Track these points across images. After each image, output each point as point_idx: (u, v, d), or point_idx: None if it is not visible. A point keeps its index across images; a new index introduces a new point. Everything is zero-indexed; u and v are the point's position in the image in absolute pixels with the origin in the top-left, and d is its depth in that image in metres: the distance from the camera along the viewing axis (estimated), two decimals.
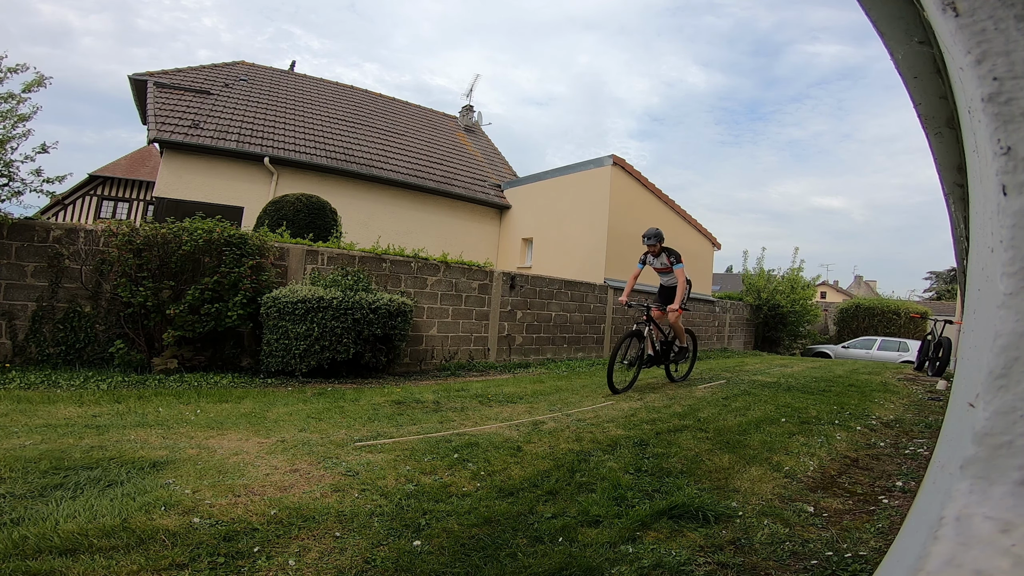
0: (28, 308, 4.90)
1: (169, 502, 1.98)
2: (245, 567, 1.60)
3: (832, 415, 4.34)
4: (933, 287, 43.24)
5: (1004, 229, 0.55)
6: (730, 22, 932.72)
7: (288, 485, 2.29)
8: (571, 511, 2.16)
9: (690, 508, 2.16)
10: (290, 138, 11.66)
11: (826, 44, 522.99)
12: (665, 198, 13.03)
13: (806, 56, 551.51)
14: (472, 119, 18.73)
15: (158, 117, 10.16)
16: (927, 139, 1.00)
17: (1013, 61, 0.56)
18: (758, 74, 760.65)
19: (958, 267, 1.13)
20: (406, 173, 12.61)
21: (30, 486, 2.06)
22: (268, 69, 15.02)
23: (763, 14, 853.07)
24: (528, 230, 13.23)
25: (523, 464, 2.76)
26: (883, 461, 3.11)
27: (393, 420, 3.67)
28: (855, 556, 1.84)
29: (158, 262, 5.14)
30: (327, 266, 6.34)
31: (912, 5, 0.81)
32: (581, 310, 9.67)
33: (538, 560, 1.73)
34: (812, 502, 2.38)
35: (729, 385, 6.12)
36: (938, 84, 0.90)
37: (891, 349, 14.34)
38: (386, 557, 1.70)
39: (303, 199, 7.90)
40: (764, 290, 15.67)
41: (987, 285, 0.61)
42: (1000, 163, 0.56)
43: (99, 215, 16.02)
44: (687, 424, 3.82)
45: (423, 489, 2.33)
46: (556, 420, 3.90)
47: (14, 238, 4.86)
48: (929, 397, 5.68)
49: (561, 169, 12.79)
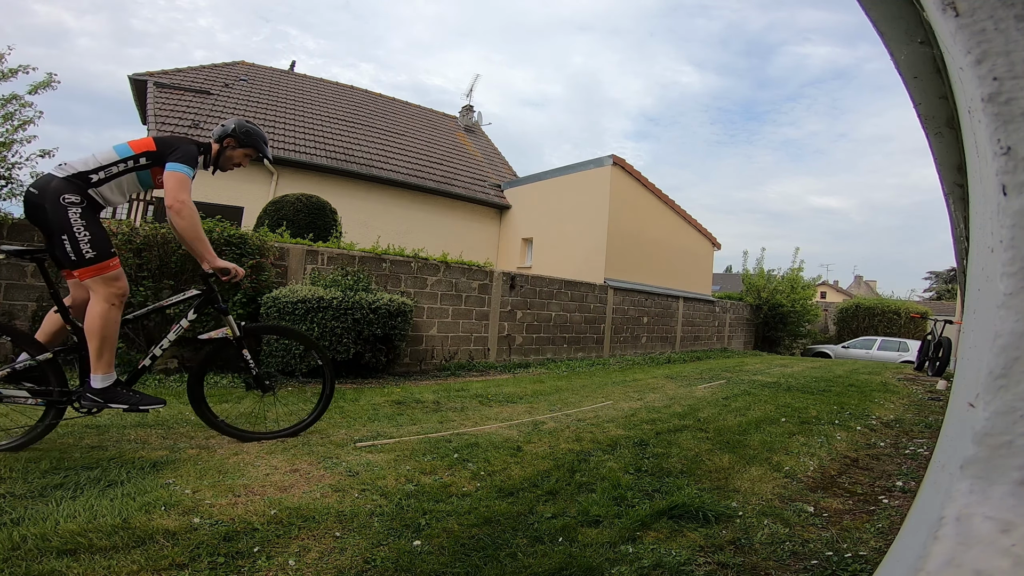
0: (28, 308, 4.90)
1: (169, 502, 1.98)
2: (245, 567, 1.60)
3: (832, 415, 4.35)
4: (933, 287, 43.25)
5: (1004, 229, 0.55)
6: (721, 23, 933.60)
7: (288, 485, 2.29)
8: (571, 511, 2.16)
9: (690, 508, 2.16)
10: (290, 138, 11.66)
11: (817, 45, 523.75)
12: (665, 198, 13.04)
13: (797, 57, 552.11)
14: (472, 119, 18.73)
15: (158, 117, 10.16)
16: (927, 139, 1.00)
17: (1013, 61, 0.56)
18: (751, 74, 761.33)
19: (958, 267, 1.13)
20: (406, 173, 12.62)
21: (30, 486, 2.06)
22: (268, 69, 15.03)
23: (754, 15, 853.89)
24: (528, 230, 13.23)
25: (523, 464, 2.76)
26: (883, 461, 3.11)
27: (393, 420, 3.67)
28: (855, 556, 1.84)
29: (158, 262, 5.14)
30: (327, 266, 6.34)
31: (912, 5, 0.81)
32: (581, 310, 9.67)
33: (538, 560, 1.73)
34: (812, 502, 2.38)
35: (729, 385, 6.12)
36: (938, 84, 0.90)
37: (891, 349, 14.35)
38: (386, 557, 1.70)
39: (303, 199, 7.91)
40: (764, 290, 15.68)
41: (987, 285, 0.61)
42: (1000, 163, 0.56)
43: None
44: (687, 424, 3.82)
45: (423, 489, 2.33)
46: (556, 420, 3.90)
47: (14, 238, 4.86)
48: (929, 397, 5.68)
49: (561, 169, 12.80)
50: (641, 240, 12.09)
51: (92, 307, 2.51)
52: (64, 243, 2.41)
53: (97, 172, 2.56)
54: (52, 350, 2.56)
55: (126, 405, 2.58)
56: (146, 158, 2.64)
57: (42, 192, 2.45)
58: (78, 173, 2.51)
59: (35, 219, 2.50)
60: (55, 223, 2.42)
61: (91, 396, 2.54)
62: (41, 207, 2.44)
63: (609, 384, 6.14)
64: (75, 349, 2.63)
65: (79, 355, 2.61)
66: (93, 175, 2.55)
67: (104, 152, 2.61)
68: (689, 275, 13.86)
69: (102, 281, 2.49)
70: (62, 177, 2.49)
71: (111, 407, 2.56)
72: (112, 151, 2.61)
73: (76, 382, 2.70)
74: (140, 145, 2.65)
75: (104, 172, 2.57)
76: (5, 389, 2.49)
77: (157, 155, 2.65)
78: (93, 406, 2.56)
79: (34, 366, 2.51)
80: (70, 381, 2.65)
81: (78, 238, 2.42)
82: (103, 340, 2.50)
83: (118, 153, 2.61)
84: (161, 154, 2.65)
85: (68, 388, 2.57)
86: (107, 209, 2.75)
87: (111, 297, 2.51)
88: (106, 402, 2.55)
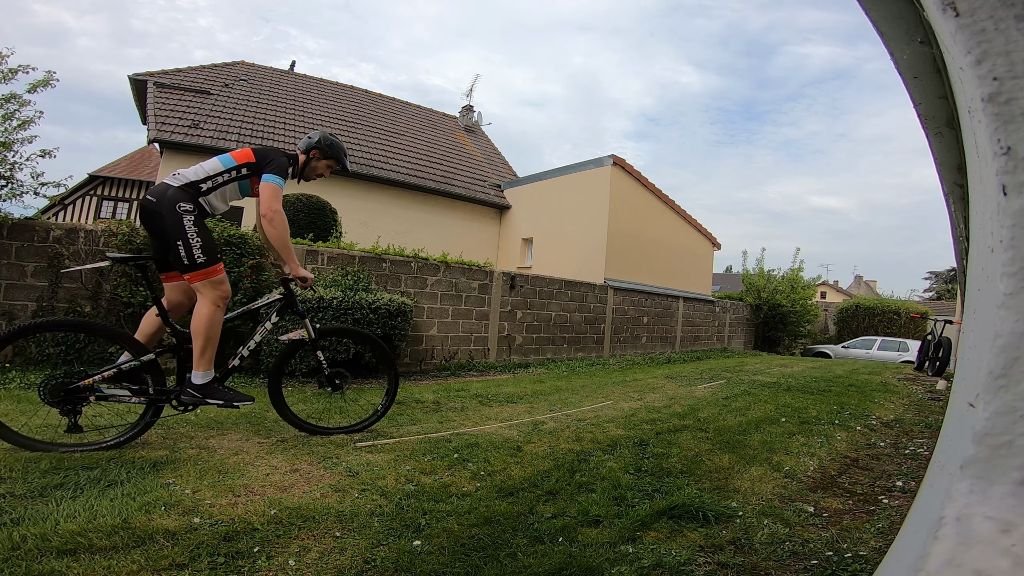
0: (28, 308, 4.90)
1: (169, 502, 1.98)
2: (245, 567, 1.60)
3: (832, 415, 4.35)
4: (933, 287, 43.24)
5: (1004, 229, 0.55)
6: (721, 23, 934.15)
7: (288, 485, 2.29)
8: (571, 511, 2.16)
9: (690, 508, 2.16)
10: (290, 138, 11.66)
11: (817, 45, 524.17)
12: (665, 198, 13.03)
13: (797, 57, 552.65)
14: (472, 119, 18.72)
15: (158, 117, 10.16)
16: (927, 139, 1.00)
17: (1013, 61, 0.56)
18: (751, 74, 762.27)
19: (958, 267, 1.13)
20: (406, 173, 12.61)
21: (30, 486, 2.06)
22: (268, 69, 15.02)
23: (754, 15, 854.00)
24: (528, 230, 13.23)
25: (523, 464, 2.76)
26: (883, 461, 3.11)
27: (393, 420, 3.67)
28: (855, 556, 1.84)
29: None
30: (327, 266, 6.34)
31: (912, 5, 0.81)
32: (581, 310, 9.67)
33: (538, 560, 1.73)
34: (812, 502, 2.38)
35: (729, 385, 6.12)
36: (938, 84, 0.90)
37: (891, 349, 14.34)
38: (386, 557, 1.70)
39: (303, 199, 7.90)
40: (764, 290, 15.67)
41: (987, 285, 0.61)
42: (1000, 163, 0.56)
43: (99, 215, 16.01)
44: (687, 424, 3.82)
45: (423, 489, 2.33)
46: (556, 420, 3.90)
47: (14, 238, 4.86)
48: (929, 397, 5.68)
49: (561, 169, 12.79)
50: (641, 240, 12.09)
51: (199, 308, 2.67)
52: (179, 248, 2.58)
53: (206, 181, 2.74)
54: (154, 351, 2.73)
55: (221, 401, 2.75)
56: (246, 168, 2.83)
57: (159, 200, 2.62)
58: (190, 183, 2.70)
59: (150, 225, 2.67)
60: (171, 230, 2.59)
61: (191, 392, 2.70)
62: (158, 214, 2.60)
63: (609, 384, 6.14)
64: (172, 349, 2.80)
65: (176, 355, 2.80)
66: (203, 184, 2.73)
67: (211, 163, 2.81)
68: (689, 275, 13.86)
69: (209, 284, 2.66)
70: (177, 186, 2.67)
71: (208, 403, 2.72)
72: (218, 162, 2.81)
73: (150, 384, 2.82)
74: (241, 156, 2.84)
75: (211, 181, 2.75)
76: (109, 388, 2.65)
77: (255, 166, 2.83)
78: (192, 402, 2.72)
79: (137, 366, 2.67)
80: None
81: (191, 244, 2.59)
82: (207, 340, 2.66)
83: (223, 164, 2.80)
84: (259, 165, 2.83)
85: (166, 387, 2.74)
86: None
87: (216, 299, 2.68)
88: (204, 398, 2.71)
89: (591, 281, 10.15)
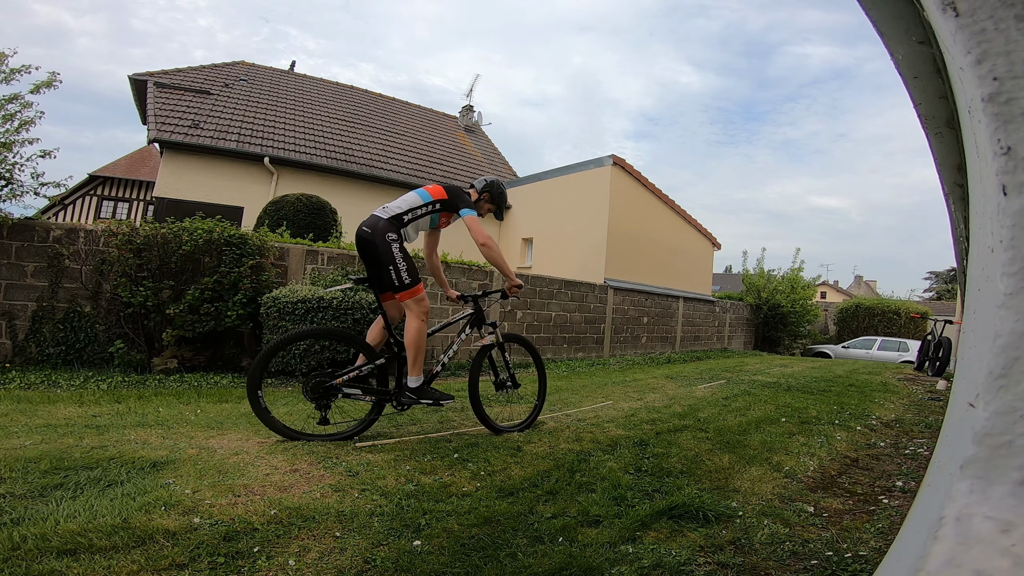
0: (28, 308, 4.90)
1: (169, 502, 1.98)
2: (245, 567, 1.60)
3: (832, 415, 4.34)
4: (933, 287, 43.24)
5: (1004, 229, 0.55)
6: (721, 24, 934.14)
7: (288, 485, 2.29)
8: (571, 511, 2.16)
9: (690, 508, 2.16)
10: (290, 138, 11.66)
11: (817, 45, 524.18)
12: (665, 198, 13.03)
13: (797, 57, 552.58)
14: (472, 119, 18.72)
15: (158, 117, 10.16)
16: (927, 139, 1.00)
17: (1013, 61, 0.55)
18: (751, 75, 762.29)
19: (958, 267, 1.13)
20: (406, 173, 12.62)
21: (30, 486, 2.06)
22: (268, 69, 15.02)
23: (754, 15, 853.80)
24: (528, 230, 13.22)
25: (523, 464, 2.76)
26: (883, 461, 3.11)
27: (393, 420, 3.67)
28: (855, 556, 1.84)
29: (158, 262, 5.13)
30: (327, 266, 6.34)
31: (912, 5, 0.81)
32: (581, 310, 9.67)
33: (538, 560, 1.73)
34: (812, 502, 2.38)
35: (729, 385, 6.12)
36: (938, 84, 0.90)
37: (891, 349, 14.34)
38: (386, 557, 1.70)
39: (303, 199, 7.90)
40: (764, 290, 15.67)
41: (987, 285, 0.61)
42: (1000, 163, 0.56)
43: (99, 215, 16.02)
44: (687, 424, 3.82)
45: (423, 489, 2.33)
46: (556, 420, 3.90)
47: (14, 238, 4.87)
48: (929, 397, 5.68)
49: (561, 169, 12.79)
50: (641, 240, 12.08)
51: (409, 323, 3.01)
52: (390, 271, 2.92)
53: (408, 214, 3.07)
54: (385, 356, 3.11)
55: (431, 400, 3.07)
56: (439, 204, 3.17)
57: (373, 231, 2.96)
58: (395, 215, 3.03)
59: (364, 252, 3.01)
60: (384, 257, 2.92)
61: (408, 394, 3.05)
62: (372, 243, 2.94)
63: (609, 384, 6.14)
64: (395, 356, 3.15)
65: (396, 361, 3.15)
66: (405, 216, 3.07)
67: (411, 196, 3.15)
68: (689, 275, 13.85)
69: (415, 302, 3.00)
70: (386, 219, 3.01)
71: (421, 403, 3.06)
72: (416, 196, 3.15)
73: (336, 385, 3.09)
74: (435, 192, 3.18)
75: (412, 214, 3.09)
76: (349, 388, 3.01)
77: (447, 203, 3.18)
78: (409, 403, 3.07)
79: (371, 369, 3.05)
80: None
81: (399, 268, 2.93)
82: (417, 349, 3.00)
83: (422, 198, 3.14)
84: (451, 203, 3.18)
85: (388, 388, 3.12)
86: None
87: (421, 314, 3.01)
88: (418, 398, 3.05)
89: (591, 281, 10.15)
